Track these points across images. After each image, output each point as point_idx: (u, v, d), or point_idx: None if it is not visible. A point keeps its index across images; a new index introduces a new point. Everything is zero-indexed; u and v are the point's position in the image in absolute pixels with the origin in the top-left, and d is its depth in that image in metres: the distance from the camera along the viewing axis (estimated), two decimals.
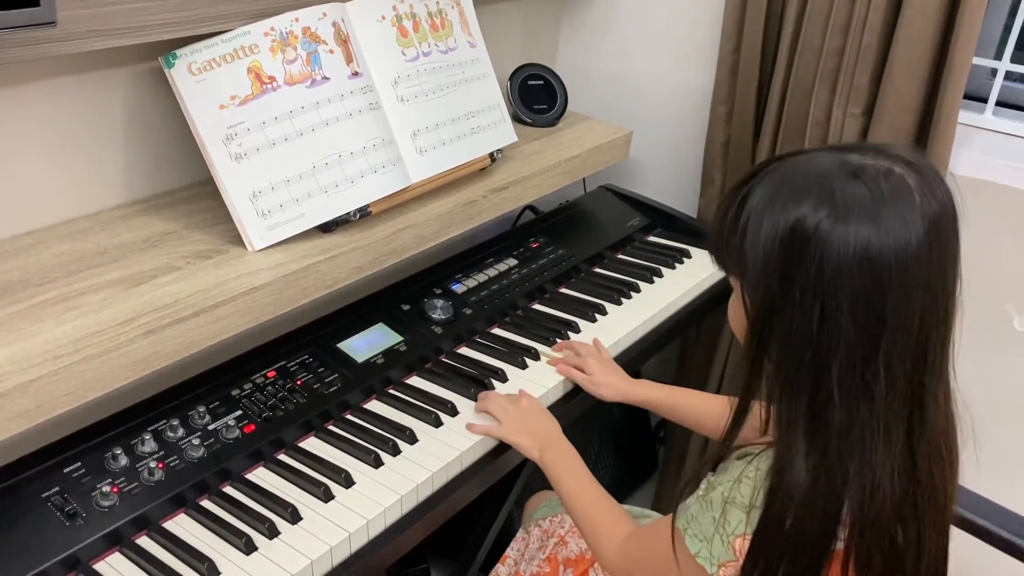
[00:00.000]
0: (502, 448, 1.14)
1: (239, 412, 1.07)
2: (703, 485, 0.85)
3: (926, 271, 0.72)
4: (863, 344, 0.73)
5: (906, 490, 0.77)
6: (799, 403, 0.76)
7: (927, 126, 1.37)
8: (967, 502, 1.08)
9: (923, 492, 0.78)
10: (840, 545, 0.78)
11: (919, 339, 0.74)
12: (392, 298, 1.33)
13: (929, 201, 0.73)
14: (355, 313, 1.28)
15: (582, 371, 1.23)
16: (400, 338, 1.25)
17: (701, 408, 1.19)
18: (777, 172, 0.77)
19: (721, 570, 0.82)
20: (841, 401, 0.74)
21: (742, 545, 0.80)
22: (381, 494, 1.01)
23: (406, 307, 1.32)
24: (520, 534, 1.29)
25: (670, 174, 1.81)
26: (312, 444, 1.09)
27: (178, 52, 1.08)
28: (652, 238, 1.69)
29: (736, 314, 0.84)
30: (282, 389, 1.12)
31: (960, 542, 0.92)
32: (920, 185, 0.73)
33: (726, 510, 0.80)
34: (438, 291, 1.37)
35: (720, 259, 0.83)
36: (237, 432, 1.04)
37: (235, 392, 1.10)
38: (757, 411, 0.85)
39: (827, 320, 0.73)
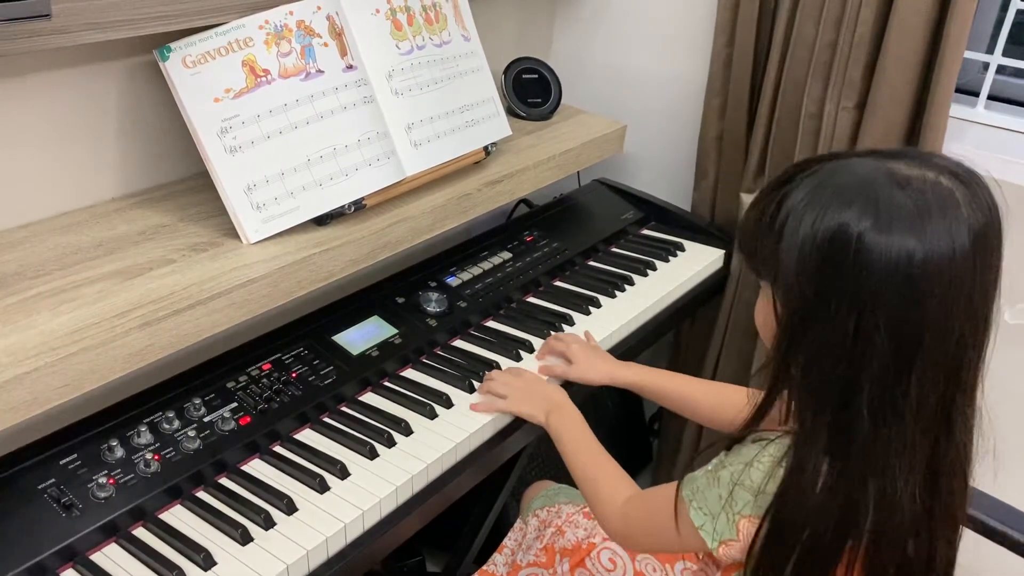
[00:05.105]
0: (497, 439, 1.15)
1: (235, 404, 1.08)
2: (714, 460, 0.84)
3: (969, 285, 0.70)
4: (897, 362, 0.70)
5: (924, 505, 0.75)
6: (823, 415, 0.74)
7: (919, 120, 1.38)
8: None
9: (940, 506, 0.77)
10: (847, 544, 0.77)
11: (955, 356, 0.72)
12: (387, 291, 1.33)
13: (975, 213, 0.70)
14: (350, 306, 1.29)
15: (567, 359, 1.23)
16: (395, 331, 1.26)
17: (690, 393, 1.19)
18: (818, 175, 0.75)
19: (721, 547, 0.82)
20: (868, 418, 0.72)
21: (747, 527, 0.80)
22: (376, 485, 1.01)
23: (401, 300, 1.32)
24: (517, 524, 1.30)
25: (664, 167, 1.82)
26: (307, 436, 1.09)
27: (172, 45, 1.08)
28: (646, 231, 1.69)
29: (765, 318, 0.81)
30: (277, 381, 1.12)
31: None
32: (967, 197, 0.71)
33: (734, 491, 0.80)
34: (433, 284, 1.37)
35: (752, 261, 0.81)
36: (233, 424, 1.05)
37: (231, 384, 1.10)
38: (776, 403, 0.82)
39: (862, 335, 0.70)
